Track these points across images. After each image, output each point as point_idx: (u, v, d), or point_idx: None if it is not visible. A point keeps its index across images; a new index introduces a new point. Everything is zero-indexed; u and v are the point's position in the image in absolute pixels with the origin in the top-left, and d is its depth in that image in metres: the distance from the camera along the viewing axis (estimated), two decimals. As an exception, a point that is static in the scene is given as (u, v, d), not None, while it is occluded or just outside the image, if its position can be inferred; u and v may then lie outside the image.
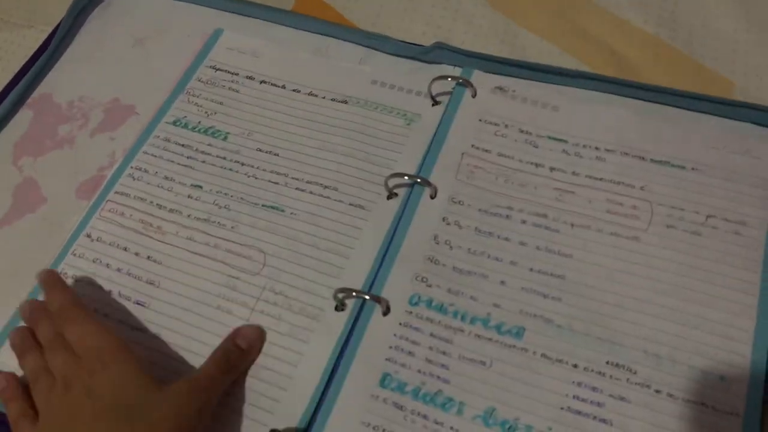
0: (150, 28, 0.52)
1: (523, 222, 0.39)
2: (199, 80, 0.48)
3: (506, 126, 0.42)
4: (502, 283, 0.37)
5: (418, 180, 0.40)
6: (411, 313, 0.36)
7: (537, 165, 0.40)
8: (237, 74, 0.48)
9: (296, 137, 0.45)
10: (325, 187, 0.42)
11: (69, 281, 0.40)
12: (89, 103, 0.49)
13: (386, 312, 0.37)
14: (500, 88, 0.43)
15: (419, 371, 0.35)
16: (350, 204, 0.41)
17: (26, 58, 0.51)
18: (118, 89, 0.49)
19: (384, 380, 0.35)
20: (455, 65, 0.46)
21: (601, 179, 0.40)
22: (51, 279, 0.39)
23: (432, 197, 0.40)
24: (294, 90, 0.47)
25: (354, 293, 0.37)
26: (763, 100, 0.43)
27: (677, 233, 0.37)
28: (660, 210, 0.38)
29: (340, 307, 0.38)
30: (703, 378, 0.33)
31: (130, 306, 0.39)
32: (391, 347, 0.36)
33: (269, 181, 0.43)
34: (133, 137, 0.46)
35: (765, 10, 0.47)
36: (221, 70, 0.49)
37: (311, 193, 0.42)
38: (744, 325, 0.34)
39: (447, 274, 0.37)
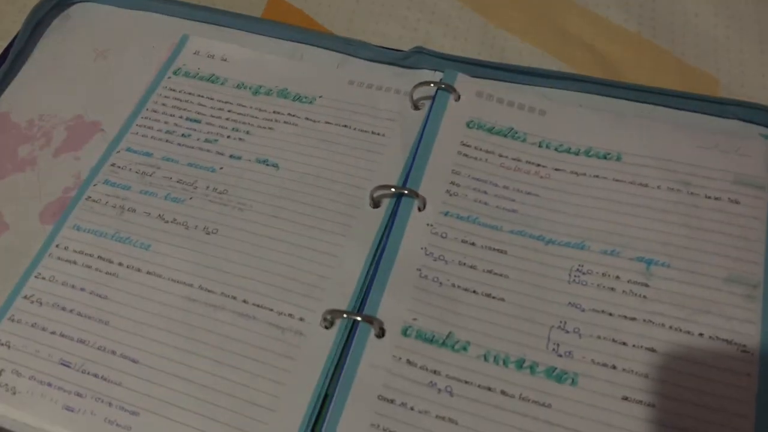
0: (112, 39, 0.49)
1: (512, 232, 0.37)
2: (166, 89, 0.46)
3: (490, 130, 0.41)
4: (495, 296, 0.35)
5: (405, 192, 0.38)
6: (407, 332, 0.35)
7: (526, 170, 0.39)
8: (207, 80, 0.46)
9: (269, 141, 0.43)
10: (304, 194, 0.40)
11: (34, 306, 0.38)
12: (51, 121, 0.46)
13: (381, 334, 0.35)
14: (482, 92, 0.42)
15: (420, 397, 0.33)
16: (333, 211, 0.39)
17: (-19, 76, 0.48)
18: (81, 105, 0.46)
19: (383, 408, 0.33)
20: (436, 69, 0.44)
21: (584, 174, 0.39)
22: None
23: (420, 209, 0.38)
24: (266, 94, 0.45)
25: (345, 315, 0.35)
26: (748, 96, 0.43)
27: None
28: None
29: (328, 326, 0.36)
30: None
31: (98, 328, 0.37)
32: (388, 371, 0.34)
33: (243, 188, 0.41)
34: (99, 155, 0.44)
35: (745, 4, 0.47)
36: (191, 77, 0.46)
37: (290, 199, 0.40)
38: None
39: (441, 290, 0.36)
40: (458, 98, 0.42)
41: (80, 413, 0.35)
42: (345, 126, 0.42)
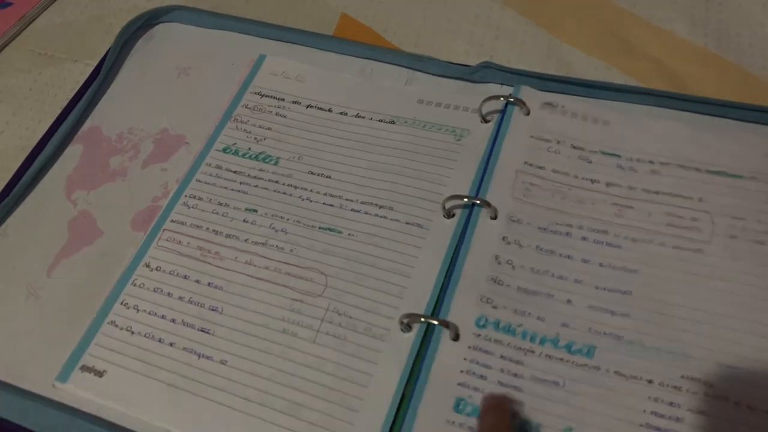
0: (193, 57, 0.52)
1: (584, 239, 0.39)
2: (246, 107, 0.49)
3: (558, 142, 0.42)
4: (569, 301, 0.37)
5: (477, 201, 0.40)
6: (479, 335, 0.36)
7: (593, 181, 0.40)
8: (283, 99, 0.49)
9: (347, 159, 0.45)
10: (380, 207, 0.42)
11: (132, 312, 0.41)
12: (138, 134, 0.49)
13: (455, 337, 0.36)
14: (550, 104, 0.44)
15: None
16: (407, 223, 0.41)
17: (73, 92, 0.52)
18: (166, 120, 0.50)
19: (458, 405, 0.35)
20: (503, 83, 0.46)
21: (657, 192, 0.39)
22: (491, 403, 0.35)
23: (492, 218, 0.40)
24: (341, 113, 0.47)
25: (422, 318, 0.37)
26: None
27: (741, 243, 0.37)
28: (721, 221, 0.38)
29: (405, 329, 0.38)
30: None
31: (194, 334, 0.39)
32: (462, 371, 0.35)
33: (324, 203, 0.43)
34: (184, 166, 0.47)
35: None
36: (267, 96, 0.49)
37: (367, 213, 0.42)
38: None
39: (512, 294, 0.37)
40: (528, 112, 0.43)
41: (179, 409, 0.37)
42: (417, 144, 0.44)
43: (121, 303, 0.41)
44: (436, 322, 0.36)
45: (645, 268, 0.37)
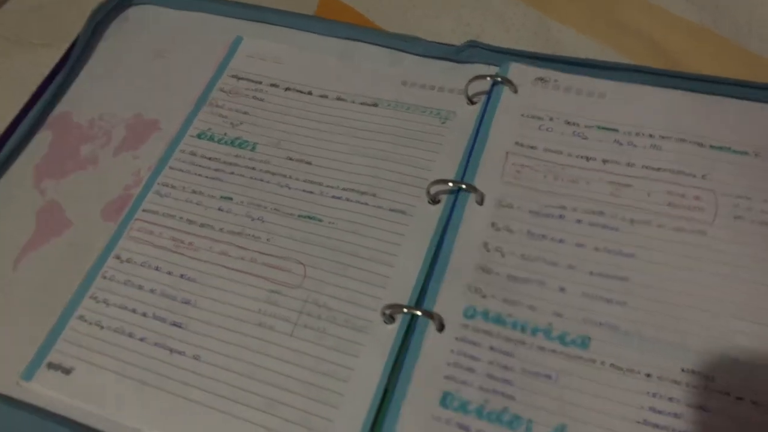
0: (168, 40, 0.50)
1: (578, 221, 0.36)
2: (222, 90, 0.46)
3: (551, 119, 0.40)
4: (562, 289, 0.35)
5: (463, 186, 0.38)
6: (467, 326, 0.34)
7: (588, 158, 0.38)
8: (260, 82, 0.46)
9: (327, 144, 0.43)
10: (362, 193, 0.40)
11: (101, 305, 0.38)
12: (110, 120, 0.47)
13: (440, 328, 0.34)
14: (542, 79, 0.41)
15: (481, 388, 0.32)
16: (390, 209, 0.39)
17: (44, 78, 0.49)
18: (139, 104, 0.47)
19: (445, 399, 0.32)
20: (490, 63, 0.44)
21: (658, 169, 0.37)
22: None
23: (479, 203, 0.38)
24: (321, 96, 0.45)
25: (405, 309, 0.35)
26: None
27: (746, 225, 0.35)
28: (725, 200, 0.36)
29: (388, 321, 0.35)
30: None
31: (166, 328, 0.37)
32: (449, 364, 0.33)
33: (303, 190, 0.41)
34: (157, 153, 0.44)
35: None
36: (244, 79, 0.47)
37: (348, 200, 0.40)
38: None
39: (501, 283, 0.35)
40: (516, 90, 0.41)
41: (150, 407, 0.35)
42: (400, 127, 0.42)
43: (91, 296, 0.39)
44: (420, 313, 0.34)
45: (643, 252, 0.35)
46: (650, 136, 0.38)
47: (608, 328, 0.33)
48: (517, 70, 0.42)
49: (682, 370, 0.32)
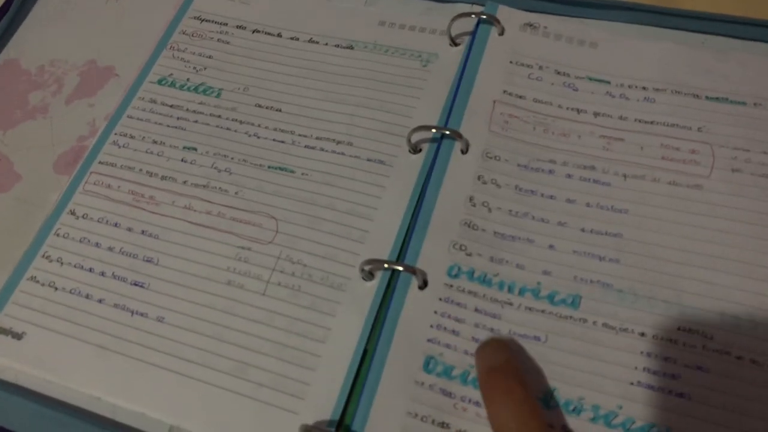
0: (125, -21, 0.46)
1: (569, 176, 0.34)
2: (184, 33, 0.43)
3: (540, 68, 0.37)
4: (551, 247, 0.32)
5: (447, 132, 0.35)
6: (451, 286, 0.32)
7: (579, 111, 0.36)
8: (226, 24, 0.43)
9: (299, 89, 0.40)
10: (338, 142, 0.37)
11: (55, 265, 0.36)
12: (62, 67, 0.43)
13: (423, 285, 0.32)
14: (530, 25, 0.38)
15: (466, 352, 0.30)
16: (368, 159, 0.37)
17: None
18: (93, 50, 0.44)
19: (428, 364, 0.30)
20: (474, 2, 0.41)
21: (652, 122, 0.35)
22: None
23: (463, 152, 0.35)
24: (291, 38, 0.42)
25: (385, 264, 0.32)
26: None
27: (745, 177, 0.33)
28: (722, 153, 0.34)
29: (367, 277, 0.33)
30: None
31: (126, 288, 0.35)
32: (432, 326, 0.31)
33: (273, 139, 0.38)
34: (114, 101, 0.41)
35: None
36: (207, 20, 0.43)
37: (322, 150, 0.37)
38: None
39: (488, 240, 0.33)
40: (502, 32, 0.38)
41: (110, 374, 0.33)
42: (378, 71, 0.39)
43: (43, 256, 0.36)
44: (401, 268, 0.32)
45: (637, 207, 0.33)
46: (644, 88, 0.36)
47: (600, 286, 0.31)
48: (504, 13, 0.39)
49: (679, 329, 0.30)
